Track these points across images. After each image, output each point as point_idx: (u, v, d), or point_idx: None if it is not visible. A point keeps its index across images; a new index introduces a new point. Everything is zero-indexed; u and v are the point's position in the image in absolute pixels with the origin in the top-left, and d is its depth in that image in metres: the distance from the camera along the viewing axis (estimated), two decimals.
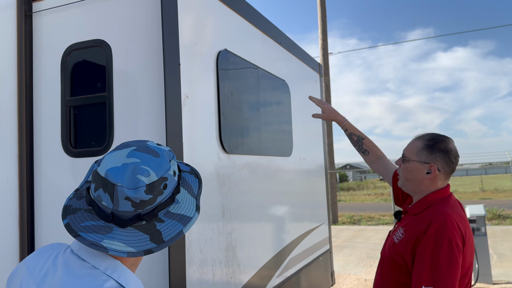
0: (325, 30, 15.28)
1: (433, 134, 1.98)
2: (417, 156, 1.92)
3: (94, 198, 0.99)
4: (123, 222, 0.96)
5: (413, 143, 1.98)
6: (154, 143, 1.08)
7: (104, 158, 1.02)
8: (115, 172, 0.96)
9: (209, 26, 2.71)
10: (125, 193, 0.94)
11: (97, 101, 2.44)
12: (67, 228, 0.98)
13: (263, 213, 3.27)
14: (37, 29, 2.71)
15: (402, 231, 1.88)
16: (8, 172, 2.60)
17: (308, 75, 4.77)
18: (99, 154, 2.39)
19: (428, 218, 1.80)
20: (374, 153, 2.45)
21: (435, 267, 1.67)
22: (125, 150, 1.02)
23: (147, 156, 1.00)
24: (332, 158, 15.40)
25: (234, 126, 2.89)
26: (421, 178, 1.91)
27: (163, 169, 0.99)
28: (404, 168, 1.97)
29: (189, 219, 1.02)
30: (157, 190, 0.97)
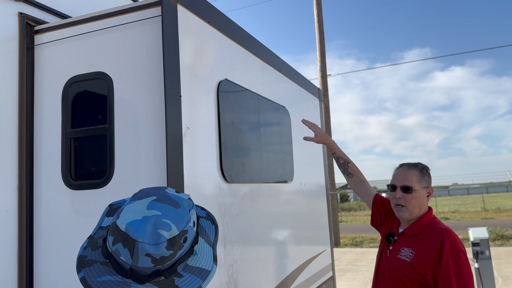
0: (323, 53, 15.45)
1: (417, 162, 2.25)
2: (420, 184, 2.15)
3: (111, 252, 0.95)
4: (142, 279, 0.92)
5: (409, 173, 2.18)
6: (173, 190, 1.05)
7: (123, 209, 0.97)
8: (136, 227, 0.92)
9: (210, 56, 2.73)
10: (146, 249, 0.91)
11: (98, 133, 2.44)
12: (82, 282, 0.94)
13: (265, 242, 3.23)
14: (39, 61, 2.73)
15: (410, 251, 2.08)
16: (7, 205, 2.57)
17: (308, 100, 4.79)
18: (99, 186, 2.38)
19: (436, 236, 2.03)
20: (357, 177, 2.67)
21: (460, 279, 1.92)
22: (145, 200, 0.98)
23: (168, 208, 0.97)
24: (333, 179, 15.36)
25: (235, 155, 2.88)
26: (424, 203, 2.16)
27: (184, 221, 0.96)
28: (412, 198, 2.14)
29: (208, 273, 0.98)
30: (178, 245, 0.94)
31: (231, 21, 3.03)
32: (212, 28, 2.75)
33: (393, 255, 2.15)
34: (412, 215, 2.15)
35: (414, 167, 2.20)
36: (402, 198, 2.15)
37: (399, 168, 2.28)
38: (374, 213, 2.52)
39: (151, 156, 2.30)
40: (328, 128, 15.08)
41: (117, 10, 2.50)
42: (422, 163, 2.24)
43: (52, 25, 2.75)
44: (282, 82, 3.99)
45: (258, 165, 3.22)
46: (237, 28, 3.13)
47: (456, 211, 25.93)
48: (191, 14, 2.50)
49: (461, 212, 25.26)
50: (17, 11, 2.74)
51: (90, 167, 2.53)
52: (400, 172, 2.22)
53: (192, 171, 2.39)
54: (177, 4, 2.36)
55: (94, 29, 2.56)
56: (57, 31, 2.71)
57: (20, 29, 2.73)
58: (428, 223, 2.13)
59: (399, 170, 2.25)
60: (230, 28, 3.00)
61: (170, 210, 0.96)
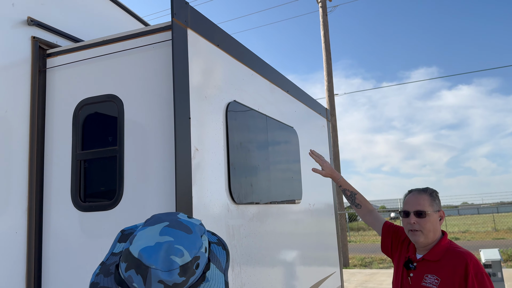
0: (330, 73, 15.54)
1: (426, 187, 2.32)
2: (432, 208, 2.21)
3: (124, 278, 0.94)
4: None
5: (421, 198, 2.23)
6: (185, 216, 1.05)
7: (136, 235, 0.98)
8: (149, 253, 0.92)
9: (219, 79, 2.76)
10: (158, 276, 0.90)
11: (108, 155, 2.46)
12: None
13: (274, 264, 3.19)
14: (51, 84, 2.78)
15: (435, 277, 2.12)
16: (17, 227, 2.58)
17: (315, 120, 4.81)
18: (108, 208, 2.38)
19: (459, 260, 2.08)
20: (366, 207, 2.71)
21: None
22: (157, 226, 0.98)
23: (180, 234, 0.97)
24: (341, 198, 15.25)
25: (243, 176, 2.88)
26: (437, 226, 2.21)
27: (196, 247, 0.96)
28: (426, 222, 2.18)
29: None
30: (190, 272, 0.93)
31: (239, 43, 3.08)
32: (221, 51, 2.79)
33: (416, 283, 2.17)
34: (428, 239, 2.19)
35: (424, 192, 2.26)
36: (417, 223, 2.19)
37: (409, 194, 2.32)
38: (385, 240, 2.55)
39: (160, 178, 2.31)
40: (336, 147, 15.06)
41: (129, 34, 2.55)
42: (430, 188, 2.30)
43: (64, 49, 2.80)
44: (290, 103, 4.02)
45: (266, 186, 3.21)
46: (245, 50, 3.17)
47: (466, 231, 25.53)
48: (201, 37, 2.54)
49: (472, 232, 24.86)
50: (31, 35, 2.81)
51: (99, 188, 2.55)
52: (411, 197, 2.26)
53: (201, 192, 2.39)
54: (187, 28, 2.40)
55: (105, 52, 2.61)
56: (69, 55, 2.77)
57: (33, 53, 2.79)
58: (447, 247, 2.17)
59: (409, 196, 2.30)
60: (238, 51, 3.04)
61: (183, 236, 0.96)
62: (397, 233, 2.51)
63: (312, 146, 4.52)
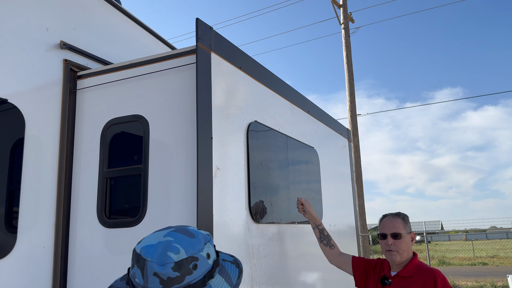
0: (352, 93, 15.54)
1: (398, 212, 2.66)
2: (405, 230, 2.57)
3: (130, 276, 1.04)
4: None
5: (395, 221, 2.58)
6: (195, 228, 1.12)
7: (144, 237, 1.08)
8: (148, 249, 1.01)
9: (240, 100, 2.84)
10: (153, 268, 0.97)
11: (133, 173, 2.55)
12: None
13: (293, 284, 3.19)
14: (80, 104, 2.90)
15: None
16: (44, 242, 2.68)
17: (336, 141, 4.82)
18: (132, 225, 2.45)
19: (428, 275, 2.41)
20: (337, 249, 3.03)
21: None
22: (164, 230, 1.07)
23: (182, 236, 1.04)
24: (364, 220, 15.02)
25: (264, 195, 2.92)
26: (410, 246, 2.57)
27: (195, 249, 1.02)
28: (401, 242, 2.53)
29: None
30: (185, 269, 0.99)
31: (261, 66, 3.16)
32: (242, 73, 2.87)
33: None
34: (403, 258, 2.52)
35: (398, 216, 2.62)
36: (393, 244, 2.52)
37: (384, 218, 2.66)
38: (357, 272, 2.83)
39: (182, 196, 2.37)
40: (359, 168, 14.92)
41: (155, 58, 2.67)
42: (402, 212, 2.67)
43: (94, 71, 2.94)
44: (311, 123, 4.06)
45: (286, 205, 3.23)
46: (267, 72, 3.24)
47: (495, 256, 24.65)
48: (224, 61, 2.63)
49: (500, 257, 23.99)
50: (63, 58, 2.95)
51: (124, 205, 2.62)
52: (387, 221, 2.61)
53: (221, 211, 2.44)
54: (211, 52, 2.49)
55: (132, 75, 2.73)
56: (98, 77, 2.90)
57: (65, 75, 2.94)
58: (418, 265, 2.51)
59: (385, 220, 2.64)
60: (260, 73, 3.12)
61: (184, 238, 1.04)
62: (368, 262, 2.82)
63: (333, 166, 4.52)
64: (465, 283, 14.37)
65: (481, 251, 28.43)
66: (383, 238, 2.58)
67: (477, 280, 14.65)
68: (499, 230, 35.62)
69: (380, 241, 2.61)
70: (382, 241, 2.59)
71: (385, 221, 2.63)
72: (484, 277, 15.00)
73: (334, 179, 4.54)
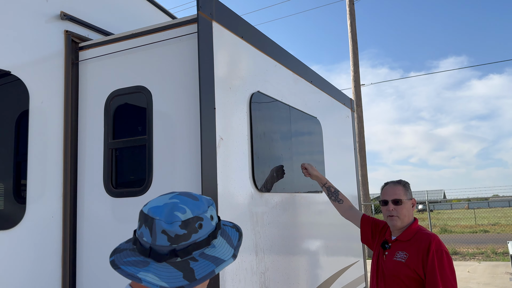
0: (356, 63, 15.38)
1: (399, 180, 2.77)
2: (406, 196, 2.67)
3: (137, 236, 1.10)
4: (159, 257, 1.05)
5: (396, 188, 2.68)
6: (198, 194, 1.20)
7: (150, 201, 1.14)
8: (156, 209, 1.08)
9: (243, 70, 2.83)
10: (162, 226, 1.04)
11: (138, 144, 2.58)
12: (111, 264, 1.08)
13: (297, 251, 3.27)
14: (83, 76, 2.91)
15: (404, 253, 2.56)
16: (53, 211, 2.74)
17: (339, 111, 4.82)
18: (139, 194, 2.50)
19: (424, 239, 2.51)
20: (346, 203, 3.18)
21: (442, 273, 2.41)
22: (169, 194, 1.14)
23: (187, 199, 1.11)
24: (367, 189, 15.16)
25: (267, 165, 2.95)
26: (411, 212, 2.67)
27: (200, 210, 1.09)
28: (402, 208, 2.63)
29: (222, 261, 1.08)
30: (191, 227, 1.06)
31: (263, 35, 3.13)
32: (245, 42, 2.85)
33: (389, 258, 2.61)
34: (404, 223, 2.64)
35: (398, 183, 2.73)
36: (394, 210, 2.63)
37: (385, 186, 2.76)
38: (365, 230, 2.99)
39: (186, 166, 2.40)
40: (362, 138, 14.94)
41: (156, 28, 2.65)
42: (403, 180, 2.78)
43: (96, 42, 2.92)
44: (314, 93, 4.05)
45: (289, 175, 3.27)
46: (269, 41, 3.22)
47: (496, 224, 24.94)
48: (225, 30, 2.61)
49: (502, 225, 24.27)
50: (64, 29, 2.94)
51: (130, 175, 2.67)
52: (388, 189, 2.72)
53: (225, 181, 2.48)
54: (212, 21, 2.47)
55: (134, 45, 2.72)
56: (100, 48, 2.89)
57: (66, 46, 2.92)
58: (416, 230, 2.62)
59: (386, 187, 2.74)
60: (262, 42, 3.09)
61: (189, 201, 1.11)
62: (375, 223, 2.96)
63: (336, 137, 4.54)
64: (466, 250, 14.61)
65: (482, 219, 28.73)
66: (384, 205, 2.69)
67: (478, 247, 14.88)
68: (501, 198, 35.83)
69: (381, 208, 2.72)
70: (383, 207, 2.70)
71: (386, 188, 2.73)
72: (485, 244, 15.23)
73: (337, 149, 4.56)
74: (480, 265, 11.80)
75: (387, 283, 2.58)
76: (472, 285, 9.06)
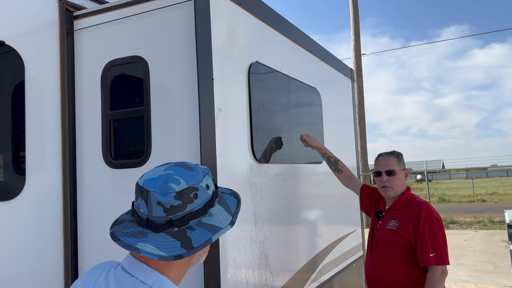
0: (357, 32, 15.13)
1: (393, 151, 2.82)
2: (399, 167, 2.74)
3: (135, 208, 1.12)
4: (157, 227, 1.06)
5: (390, 159, 2.74)
6: (194, 163, 1.19)
7: (145, 173, 1.15)
8: (150, 181, 1.09)
9: (241, 39, 2.78)
10: (156, 198, 1.05)
11: (136, 115, 2.56)
12: (111, 235, 1.10)
13: (296, 221, 3.30)
14: (78, 46, 2.86)
15: (395, 221, 2.62)
16: (53, 183, 2.75)
17: (339, 81, 4.77)
18: (138, 165, 2.50)
19: (415, 207, 2.58)
20: (346, 172, 3.25)
21: (433, 239, 2.46)
22: (164, 165, 1.15)
23: (181, 169, 1.12)
24: (366, 160, 15.21)
25: (266, 136, 2.94)
26: (404, 182, 2.74)
27: (195, 180, 1.10)
28: (395, 179, 2.70)
29: (219, 229, 1.10)
30: (186, 198, 1.07)
31: (261, 2, 3.06)
32: (243, 10, 2.79)
33: (382, 227, 2.69)
34: (397, 193, 2.71)
35: (392, 154, 2.78)
36: (388, 181, 2.70)
37: (379, 157, 2.82)
38: (364, 199, 3.06)
39: (185, 137, 2.39)
40: (362, 109, 14.88)
41: None
42: (396, 151, 2.81)
43: (90, 11, 2.86)
44: (313, 63, 4.00)
45: (288, 146, 3.27)
46: (268, 9, 3.15)
47: (493, 193, 25.19)
48: None
49: (499, 194, 24.52)
50: None
51: (128, 147, 2.66)
52: (382, 160, 2.77)
53: (224, 151, 2.48)
54: None
55: (130, 14, 2.66)
56: (95, 17, 2.82)
57: (60, 15, 2.86)
58: (408, 199, 2.69)
59: (380, 158, 2.79)
60: (261, 10, 3.02)
61: (183, 171, 1.12)
62: (374, 193, 3.01)
63: (335, 107, 4.51)
64: (464, 219, 14.82)
65: (480, 188, 29.00)
66: (378, 176, 2.76)
67: (475, 216, 15.08)
68: (500, 168, 36.07)
69: (375, 178, 2.79)
70: (377, 178, 2.77)
71: (380, 159, 2.79)
72: (482, 213, 15.43)
73: (336, 120, 4.54)
74: (476, 233, 11.98)
75: (380, 251, 2.65)
76: (468, 253, 9.23)
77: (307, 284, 3.36)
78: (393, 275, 2.56)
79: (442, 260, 2.42)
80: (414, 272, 2.53)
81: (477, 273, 7.56)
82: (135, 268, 1.10)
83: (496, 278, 7.17)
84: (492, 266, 8.00)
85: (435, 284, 2.39)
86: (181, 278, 1.16)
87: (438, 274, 2.40)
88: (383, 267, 2.61)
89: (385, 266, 2.60)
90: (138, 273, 1.09)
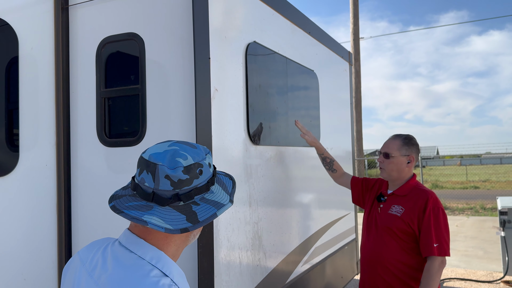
0: (356, 15, 14.99)
1: (404, 134, 2.73)
2: (400, 152, 2.65)
3: (138, 182, 1.11)
4: (163, 201, 1.06)
5: (392, 142, 2.69)
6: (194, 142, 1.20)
7: (148, 148, 1.15)
8: (157, 155, 1.09)
9: (239, 18, 2.74)
10: (165, 171, 1.06)
11: (131, 93, 2.53)
12: (112, 209, 1.09)
13: (289, 203, 3.32)
14: (73, 22, 2.80)
15: (400, 207, 2.60)
16: (46, 160, 2.73)
17: (337, 64, 4.74)
18: (132, 144, 2.49)
19: (422, 196, 2.56)
20: (339, 171, 3.25)
21: (437, 230, 2.47)
22: (167, 142, 1.16)
23: (186, 146, 1.14)
24: (361, 145, 15.25)
25: (262, 118, 2.93)
26: (402, 168, 2.66)
27: (199, 157, 1.12)
28: (389, 162, 2.66)
29: (223, 205, 1.12)
30: (193, 173, 1.09)
31: None
32: None
33: (384, 211, 2.66)
34: (391, 176, 2.69)
35: (399, 137, 2.70)
36: (382, 162, 2.69)
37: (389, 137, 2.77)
38: (354, 190, 3.07)
39: (181, 117, 2.38)
40: (358, 94, 14.84)
41: None
42: (409, 135, 2.73)
43: None
44: (311, 45, 3.96)
45: (284, 129, 3.26)
46: None
47: (487, 180, 25.40)
48: None
49: (492, 181, 24.73)
50: None
51: (123, 125, 2.64)
52: (387, 141, 2.73)
53: (220, 132, 2.46)
54: None
55: None
56: None
57: None
58: (414, 186, 2.65)
59: (388, 139, 2.75)
60: None
61: (187, 148, 1.14)
62: (366, 181, 3.01)
63: (332, 91, 4.49)
64: (456, 205, 14.96)
65: (474, 175, 29.23)
66: (378, 155, 2.77)
67: (467, 202, 15.23)
68: (493, 155, 36.29)
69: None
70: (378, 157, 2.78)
71: (387, 140, 2.76)
72: (474, 200, 15.58)
73: (333, 104, 4.53)
74: (468, 219, 12.12)
75: (379, 233, 2.64)
76: (459, 239, 9.35)
77: (300, 265, 3.39)
78: (392, 258, 2.59)
79: (444, 251, 2.45)
80: (413, 258, 2.56)
81: (468, 258, 7.67)
82: (133, 244, 1.11)
83: (486, 263, 7.28)
84: (483, 251, 8.12)
85: (434, 274, 2.42)
86: (178, 255, 1.17)
87: (437, 264, 2.43)
88: (382, 250, 2.62)
89: (384, 249, 2.61)
90: (136, 248, 1.10)
